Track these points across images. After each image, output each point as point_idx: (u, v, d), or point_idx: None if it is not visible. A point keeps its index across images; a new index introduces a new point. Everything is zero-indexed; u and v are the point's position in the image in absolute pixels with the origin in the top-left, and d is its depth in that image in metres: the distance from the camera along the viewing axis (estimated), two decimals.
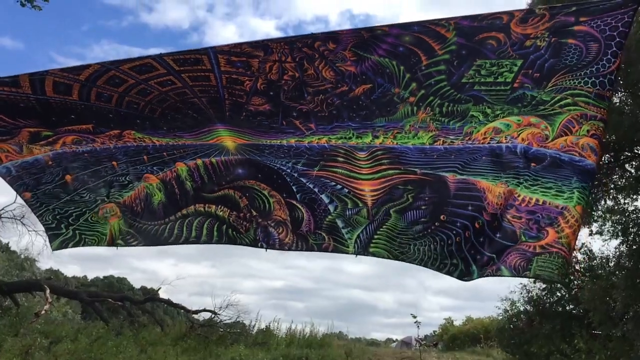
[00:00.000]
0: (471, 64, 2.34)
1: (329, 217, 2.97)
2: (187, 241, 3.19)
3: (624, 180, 9.70)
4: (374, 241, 2.95)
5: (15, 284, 12.97)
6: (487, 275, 2.72)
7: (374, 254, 3.00)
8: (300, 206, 3.02)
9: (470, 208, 2.73)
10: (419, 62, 2.34)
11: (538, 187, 2.57)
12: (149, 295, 15.50)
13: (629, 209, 10.01)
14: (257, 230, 3.12)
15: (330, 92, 2.47)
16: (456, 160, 2.65)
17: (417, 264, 2.91)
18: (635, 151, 9.00)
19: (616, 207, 10.28)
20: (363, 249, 2.99)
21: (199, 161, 3.00)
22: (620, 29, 2.17)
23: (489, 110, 2.44)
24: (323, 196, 2.94)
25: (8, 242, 23.36)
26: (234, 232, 3.16)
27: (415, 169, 2.72)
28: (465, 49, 2.30)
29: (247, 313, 14.08)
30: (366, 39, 2.32)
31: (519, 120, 2.47)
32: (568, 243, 2.56)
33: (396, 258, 2.96)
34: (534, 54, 2.28)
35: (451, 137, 2.57)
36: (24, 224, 14.47)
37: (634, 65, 7.61)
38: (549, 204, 2.55)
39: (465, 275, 2.80)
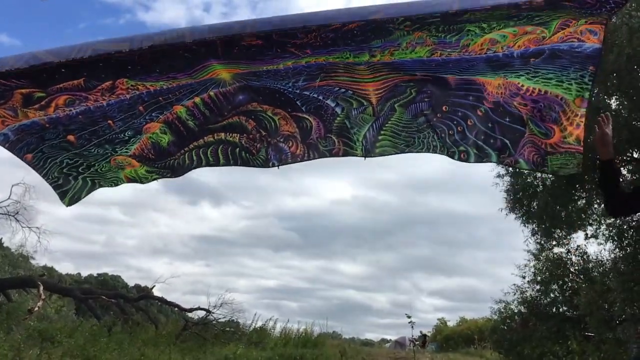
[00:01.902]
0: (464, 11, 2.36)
1: (338, 118, 2.99)
2: (208, 165, 3.22)
3: None
4: (380, 137, 3.01)
5: (8, 280, 12.90)
6: (506, 165, 2.81)
7: (381, 154, 3.07)
8: (306, 116, 3.01)
9: (470, 98, 2.81)
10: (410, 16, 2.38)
11: (539, 78, 2.61)
12: (143, 293, 15.44)
13: None
14: (267, 149, 3.14)
15: (323, 30, 2.42)
16: (454, 68, 2.70)
17: (425, 152, 3.02)
18: (630, 154, 9.03)
19: None
20: (370, 149, 3.05)
21: (197, 99, 2.92)
22: (612, 4, 2.21)
23: (485, 25, 2.44)
24: (328, 101, 2.94)
25: (1, 239, 23.22)
26: (247, 154, 3.18)
27: (415, 73, 2.76)
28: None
29: (242, 312, 14.08)
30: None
31: (514, 31, 2.47)
32: (577, 138, 2.68)
33: (402, 152, 3.04)
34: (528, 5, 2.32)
35: (448, 49, 2.57)
36: (17, 220, 14.41)
37: (630, 73, 7.67)
38: (550, 93, 2.62)
39: (482, 158, 2.91)
